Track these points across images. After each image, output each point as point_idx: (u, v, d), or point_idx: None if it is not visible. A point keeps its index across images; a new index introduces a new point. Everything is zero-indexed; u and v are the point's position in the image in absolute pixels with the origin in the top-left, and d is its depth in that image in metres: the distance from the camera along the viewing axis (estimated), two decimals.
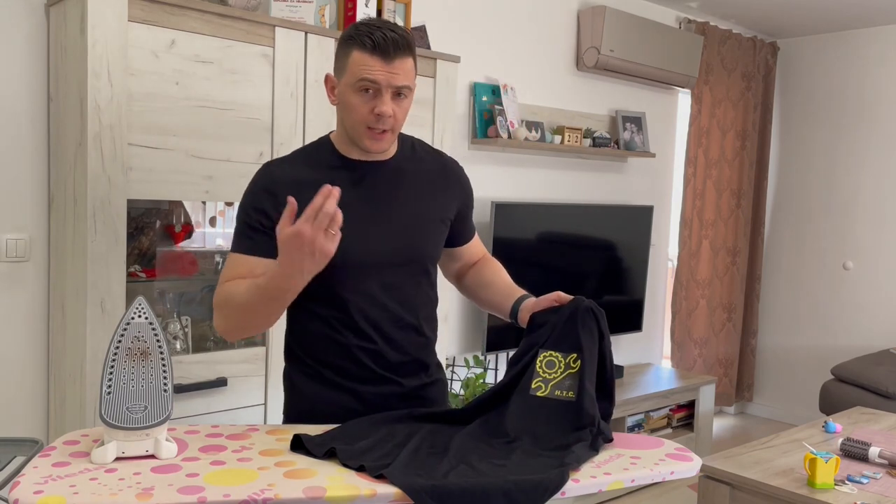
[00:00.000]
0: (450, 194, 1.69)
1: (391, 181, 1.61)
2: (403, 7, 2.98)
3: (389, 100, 1.49)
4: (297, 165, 1.58)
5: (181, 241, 2.57)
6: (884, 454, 2.53)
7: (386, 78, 1.47)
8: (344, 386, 1.60)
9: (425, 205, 1.64)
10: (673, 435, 4.17)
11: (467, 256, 1.81)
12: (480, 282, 1.78)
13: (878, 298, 4.85)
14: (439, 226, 1.67)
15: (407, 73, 1.49)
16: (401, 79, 1.48)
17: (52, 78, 2.39)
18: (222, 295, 1.51)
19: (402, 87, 1.49)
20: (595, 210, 3.99)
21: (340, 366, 1.60)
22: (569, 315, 1.55)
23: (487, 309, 1.78)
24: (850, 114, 4.96)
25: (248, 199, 1.56)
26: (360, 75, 1.47)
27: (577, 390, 1.50)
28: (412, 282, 1.63)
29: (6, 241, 2.38)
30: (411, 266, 1.62)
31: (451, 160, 1.74)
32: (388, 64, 1.46)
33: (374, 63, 1.46)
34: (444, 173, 1.70)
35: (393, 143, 1.59)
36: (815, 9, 4.48)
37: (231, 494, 1.18)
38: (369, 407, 1.60)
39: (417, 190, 1.64)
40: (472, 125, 3.62)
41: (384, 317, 1.59)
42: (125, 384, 1.30)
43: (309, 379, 1.63)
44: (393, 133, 1.54)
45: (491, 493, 1.24)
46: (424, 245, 1.64)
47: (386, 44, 1.45)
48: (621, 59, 4.02)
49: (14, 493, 1.15)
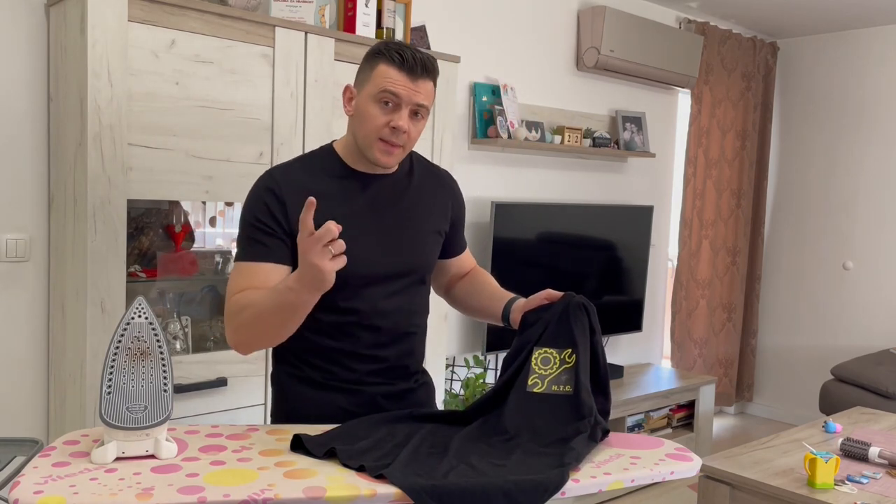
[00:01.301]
0: (445, 207, 1.73)
1: (392, 194, 1.63)
2: (403, 7, 2.98)
3: (407, 116, 1.51)
4: (300, 171, 1.58)
5: (181, 241, 2.57)
6: (884, 454, 2.53)
7: (408, 94, 1.50)
8: (331, 386, 1.61)
9: (423, 217, 1.67)
10: (673, 435, 4.17)
11: (457, 268, 1.84)
12: (469, 290, 1.80)
13: (878, 298, 4.85)
14: (436, 237, 1.71)
15: (428, 94, 1.53)
16: (422, 97, 1.52)
17: (52, 78, 2.39)
18: (233, 308, 1.48)
19: (421, 107, 1.53)
20: (595, 210, 3.99)
21: (330, 370, 1.61)
22: (561, 311, 1.57)
23: (478, 317, 1.79)
24: (850, 114, 4.96)
25: (252, 205, 1.54)
26: (384, 87, 1.49)
27: (573, 384, 1.51)
28: (411, 291, 1.66)
29: (6, 241, 2.38)
30: (411, 276, 1.65)
31: (446, 173, 1.78)
32: (413, 82, 1.50)
33: (399, 78, 1.49)
34: (440, 187, 1.74)
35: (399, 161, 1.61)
36: (815, 9, 4.48)
37: (231, 494, 1.18)
38: (358, 406, 1.60)
39: (416, 203, 1.66)
40: (472, 125, 3.62)
41: (382, 324, 1.61)
42: (125, 384, 1.30)
43: (298, 381, 1.63)
44: (403, 150, 1.56)
45: (491, 493, 1.24)
46: (423, 256, 1.67)
47: (414, 62, 1.50)
48: (621, 59, 4.02)
49: (14, 493, 1.15)
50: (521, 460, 1.36)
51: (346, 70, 2.65)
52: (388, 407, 1.63)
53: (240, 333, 1.48)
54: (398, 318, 1.63)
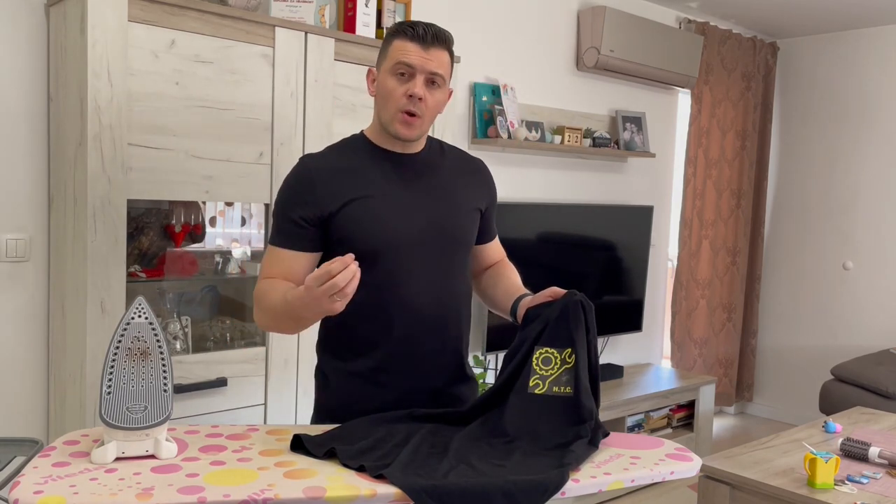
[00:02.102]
0: (479, 189, 1.75)
1: (425, 171, 1.66)
2: (403, 7, 2.98)
3: (422, 84, 1.55)
4: (332, 156, 1.63)
5: (181, 241, 2.57)
6: (884, 454, 2.53)
7: (421, 62, 1.54)
8: (375, 380, 1.61)
9: (457, 193, 1.68)
10: (673, 435, 4.17)
11: (486, 256, 1.84)
12: (491, 282, 1.80)
13: (878, 298, 4.85)
14: (472, 213, 1.71)
15: (441, 62, 1.56)
16: (434, 65, 1.55)
17: (52, 78, 2.39)
18: (260, 292, 1.56)
19: (436, 75, 1.56)
20: (595, 210, 3.99)
21: (372, 358, 1.61)
22: (560, 310, 1.57)
23: (494, 309, 1.80)
24: (850, 114, 4.96)
25: (286, 192, 1.60)
26: (398, 59, 1.55)
27: (573, 385, 1.51)
28: (449, 271, 1.64)
29: (6, 241, 2.38)
30: (447, 252, 1.64)
31: (479, 160, 1.80)
32: (425, 51, 1.54)
33: (412, 49, 1.54)
34: (472, 170, 1.76)
35: (423, 134, 1.63)
36: (815, 9, 4.48)
37: (231, 494, 1.18)
38: (401, 402, 1.61)
39: (450, 181, 1.68)
40: (472, 125, 3.62)
41: (420, 305, 1.60)
42: (125, 384, 1.30)
43: (341, 374, 1.64)
44: (423, 120, 1.58)
45: (491, 494, 1.24)
46: (459, 230, 1.67)
47: (426, 33, 1.55)
48: (621, 59, 4.02)
49: (14, 493, 1.15)
50: (521, 461, 1.36)
51: (347, 70, 2.65)
52: (430, 403, 1.63)
53: (261, 321, 1.57)
54: (440, 298, 1.62)
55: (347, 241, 1.56)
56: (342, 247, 1.56)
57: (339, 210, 1.56)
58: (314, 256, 1.60)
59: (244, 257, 2.71)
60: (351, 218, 1.56)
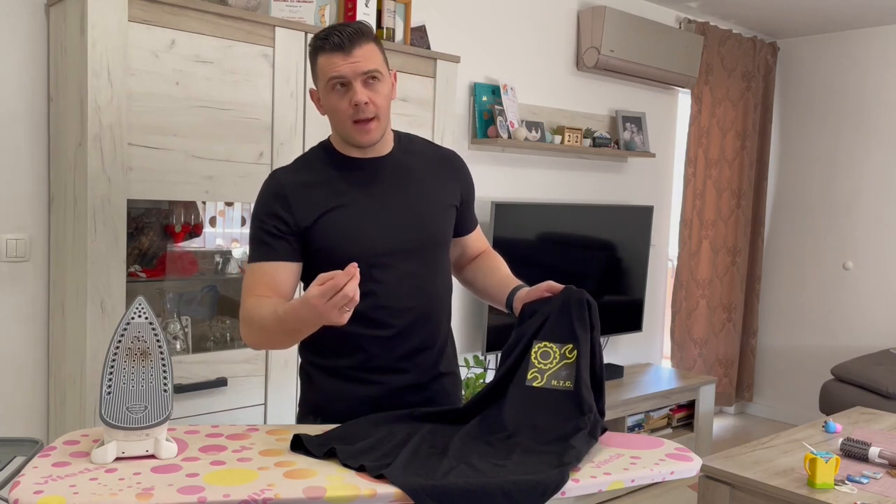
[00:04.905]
0: (452, 182, 1.74)
1: (394, 173, 1.65)
2: (403, 7, 2.98)
3: (361, 88, 1.54)
4: (302, 170, 1.63)
5: (181, 241, 2.57)
6: (884, 454, 2.53)
7: (350, 69, 1.53)
8: (358, 378, 1.62)
9: (430, 191, 1.68)
10: (673, 435, 4.17)
11: (468, 247, 1.84)
12: (479, 273, 1.81)
13: (878, 298, 4.85)
14: (447, 210, 1.71)
15: (369, 58, 1.54)
16: (363, 64, 1.54)
17: (52, 78, 2.39)
18: (246, 312, 1.55)
19: (369, 73, 1.54)
20: (595, 210, 3.99)
21: (355, 357, 1.62)
22: (561, 305, 1.56)
23: (485, 299, 1.80)
24: (850, 114, 4.95)
25: (259, 208, 1.61)
26: (328, 75, 1.55)
27: (574, 380, 1.51)
28: (428, 270, 1.66)
29: (6, 241, 2.38)
30: (425, 252, 1.65)
31: (450, 151, 1.79)
32: (348, 56, 1.53)
33: (336, 59, 1.53)
34: (443, 162, 1.74)
35: (384, 135, 1.63)
36: (815, 9, 4.48)
37: (231, 494, 1.18)
38: (383, 398, 1.62)
39: (420, 179, 1.68)
40: (472, 125, 3.62)
41: (401, 307, 1.61)
42: (125, 384, 1.30)
43: (325, 372, 1.65)
44: (379, 121, 1.58)
45: (491, 493, 1.24)
46: (435, 229, 1.67)
47: (341, 39, 1.53)
48: (621, 59, 4.02)
49: (14, 493, 1.15)
50: (521, 460, 1.36)
51: None
52: (412, 397, 1.64)
53: (251, 339, 1.57)
54: (417, 298, 1.63)
55: (326, 251, 1.58)
56: (321, 256, 1.58)
57: (314, 223, 1.57)
58: (296, 267, 1.60)
59: (244, 257, 2.71)
60: (327, 229, 1.57)
